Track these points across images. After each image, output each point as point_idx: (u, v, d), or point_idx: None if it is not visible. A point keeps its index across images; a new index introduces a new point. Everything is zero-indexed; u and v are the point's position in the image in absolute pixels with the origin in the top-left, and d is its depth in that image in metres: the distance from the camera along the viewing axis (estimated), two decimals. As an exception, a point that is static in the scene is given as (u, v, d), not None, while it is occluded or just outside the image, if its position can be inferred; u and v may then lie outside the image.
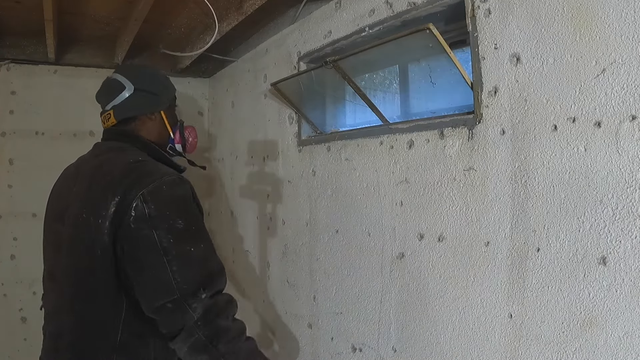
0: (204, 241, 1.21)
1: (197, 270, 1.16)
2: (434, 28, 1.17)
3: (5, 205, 2.50)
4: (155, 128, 1.42)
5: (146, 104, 1.39)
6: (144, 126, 1.40)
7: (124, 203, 1.13)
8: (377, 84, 1.86)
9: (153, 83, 1.42)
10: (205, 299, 1.14)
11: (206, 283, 1.16)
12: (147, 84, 1.40)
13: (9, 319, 2.51)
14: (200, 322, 1.13)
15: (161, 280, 1.11)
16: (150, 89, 1.40)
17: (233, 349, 1.17)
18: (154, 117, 1.42)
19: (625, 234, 0.93)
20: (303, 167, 2.00)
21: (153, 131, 1.42)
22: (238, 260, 2.66)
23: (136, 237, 1.12)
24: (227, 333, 1.17)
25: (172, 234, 1.13)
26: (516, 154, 1.14)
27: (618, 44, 0.93)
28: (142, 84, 1.38)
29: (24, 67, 2.51)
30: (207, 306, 1.14)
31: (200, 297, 1.13)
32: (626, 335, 0.93)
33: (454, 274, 1.31)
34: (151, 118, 1.41)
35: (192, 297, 1.12)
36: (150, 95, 1.40)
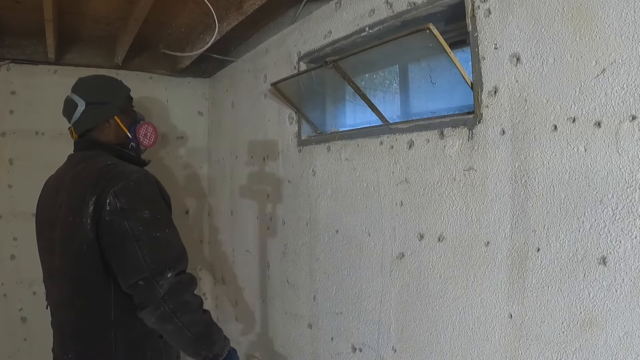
0: (169, 227, 1.41)
1: (164, 252, 1.35)
2: (434, 28, 1.17)
3: (5, 205, 2.50)
4: (112, 132, 1.58)
5: (98, 115, 1.55)
6: (103, 133, 1.57)
7: (100, 201, 1.33)
8: (377, 84, 1.86)
9: (101, 94, 1.57)
10: (171, 277, 1.32)
11: (172, 263, 1.35)
12: (95, 97, 1.55)
13: (9, 319, 2.51)
14: (167, 296, 1.31)
15: (134, 262, 1.31)
16: (99, 100, 1.55)
17: (194, 319, 1.35)
18: (109, 123, 1.57)
19: (625, 234, 0.93)
20: (303, 167, 2.00)
21: (111, 135, 1.58)
22: (238, 260, 2.66)
23: (112, 228, 1.32)
24: (188, 306, 1.35)
25: (141, 223, 1.33)
26: (516, 154, 1.14)
27: (618, 44, 0.93)
28: (91, 98, 1.54)
29: (24, 67, 2.51)
30: (172, 283, 1.32)
31: (167, 275, 1.32)
32: (626, 335, 0.93)
33: (454, 274, 1.31)
34: (107, 125, 1.57)
35: (160, 276, 1.31)
36: (101, 106, 1.55)
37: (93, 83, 1.60)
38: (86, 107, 1.53)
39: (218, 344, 1.40)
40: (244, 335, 2.61)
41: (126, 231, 1.31)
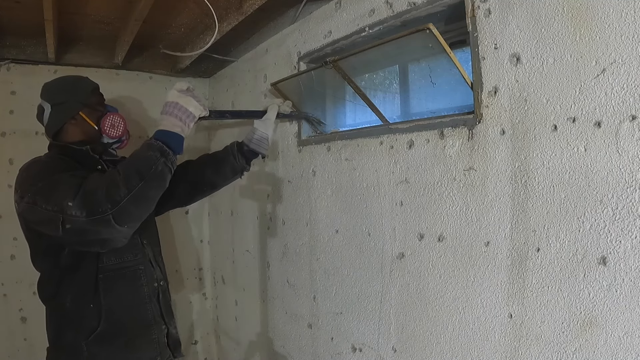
0: (55, 180, 1.31)
1: (56, 192, 1.26)
2: (434, 28, 1.17)
3: (5, 205, 2.49)
4: (78, 129, 1.57)
5: (62, 114, 1.55)
6: (69, 131, 1.56)
7: None
8: (377, 84, 1.86)
9: (61, 94, 1.56)
10: (75, 203, 1.22)
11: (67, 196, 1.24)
12: (57, 98, 1.55)
13: (9, 319, 2.51)
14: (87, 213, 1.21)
15: (47, 218, 1.24)
16: (60, 99, 1.55)
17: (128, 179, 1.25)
18: (75, 120, 1.56)
19: (625, 234, 0.93)
20: (303, 167, 2.00)
21: (78, 132, 1.57)
22: (238, 260, 2.66)
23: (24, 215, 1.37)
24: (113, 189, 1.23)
25: (32, 194, 1.29)
26: (516, 154, 1.14)
27: (618, 44, 0.93)
28: (54, 99, 1.55)
29: (24, 67, 2.50)
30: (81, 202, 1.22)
31: (69, 205, 1.22)
32: (626, 335, 0.93)
33: (454, 274, 1.31)
34: (73, 122, 1.56)
35: (66, 211, 1.22)
36: (63, 105, 1.54)
37: (55, 85, 1.60)
38: (51, 109, 1.53)
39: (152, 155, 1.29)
40: (244, 335, 2.61)
41: (27, 207, 1.30)
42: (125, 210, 1.21)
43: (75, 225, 1.21)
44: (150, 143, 1.31)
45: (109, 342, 1.45)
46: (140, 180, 1.24)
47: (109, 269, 1.46)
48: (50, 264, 1.46)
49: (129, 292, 1.52)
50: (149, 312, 1.56)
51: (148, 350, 1.54)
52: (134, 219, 1.27)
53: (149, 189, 1.26)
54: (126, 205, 1.21)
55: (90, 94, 1.61)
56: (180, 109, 1.37)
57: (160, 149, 1.29)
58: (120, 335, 1.47)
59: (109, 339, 1.45)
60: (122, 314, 1.48)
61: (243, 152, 1.76)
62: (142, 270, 1.55)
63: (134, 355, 1.51)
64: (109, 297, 1.46)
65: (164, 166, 1.29)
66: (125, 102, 2.67)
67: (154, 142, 1.30)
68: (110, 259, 1.47)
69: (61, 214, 1.21)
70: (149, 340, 1.55)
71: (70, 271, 1.44)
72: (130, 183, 1.23)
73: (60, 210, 1.21)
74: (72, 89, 1.58)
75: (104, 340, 1.44)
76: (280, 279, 2.20)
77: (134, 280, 1.53)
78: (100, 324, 1.43)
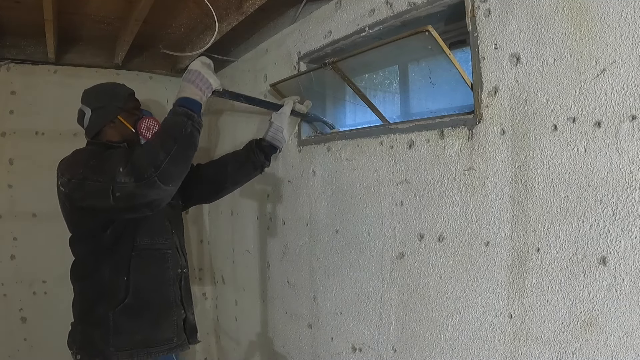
0: (104, 159, 1.47)
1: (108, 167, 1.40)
2: (433, 30, 1.16)
3: (5, 205, 2.50)
4: (117, 132, 1.68)
5: (101, 118, 1.67)
6: (108, 133, 1.68)
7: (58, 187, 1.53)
8: (377, 84, 1.86)
9: (101, 99, 1.68)
10: (124, 172, 1.36)
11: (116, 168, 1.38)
12: (97, 102, 1.67)
13: (9, 319, 2.51)
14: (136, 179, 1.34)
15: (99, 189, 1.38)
16: (100, 104, 1.67)
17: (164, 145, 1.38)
18: (114, 123, 1.68)
19: (625, 234, 0.93)
20: (303, 167, 2.00)
21: (116, 134, 1.68)
22: (238, 260, 2.66)
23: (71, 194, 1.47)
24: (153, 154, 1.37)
25: (83, 173, 1.43)
26: (516, 154, 1.14)
27: (618, 44, 0.93)
28: (94, 104, 1.67)
29: (24, 67, 2.50)
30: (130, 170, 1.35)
31: (120, 172, 1.36)
32: (626, 335, 0.93)
33: (454, 274, 1.31)
34: (112, 125, 1.68)
35: (116, 179, 1.35)
36: (102, 110, 1.67)
37: (95, 90, 1.72)
38: (92, 113, 1.66)
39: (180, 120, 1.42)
40: (244, 335, 2.61)
41: (76, 184, 1.44)
42: (167, 171, 1.36)
43: (124, 191, 1.35)
44: (176, 110, 1.44)
45: (134, 315, 1.57)
46: (174, 143, 1.38)
47: (142, 248, 1.59)
48: (92, 244, 1.58)
49: (155, 272, 1.64)
50: (171, 295, 1.67)
51: (167, 330, 1.64)
52: (176, 177, 1.41)
53: (184, 149, 1.40)
54: (167, 167, 1.35)
55: (127, 99, 1.72)
56: (202, 79, 1.49)
57: (185, 113, 1.43)
58: (144, 311, 1.59)
59: (133, 312, 1.57)
60: (147, 291, 1.60)
61: (262, 147, 1.89)
62: (170, 254, 1.68)
63: (154, 332, 1.61)
64: (138, 274, 1.58)
65: (192, 128, 1.42)
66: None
67: (179, 109, 1.44)
68: (144, 239, 1.61)
69: (111, 183, 1.35)
70: (170, 321, 1.65)
71: (109, 250, 1.56)
72: (166, 147, 1.37)
73: (111, 179, 1.35)
74: (110, 94, 1.70)
75: (129, 313, 1.56)
76: (280, 279, 2.20)
77: (162, 262, 1.65)
78: (128, 297, 1.56)
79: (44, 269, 2.53)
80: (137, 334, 1.57)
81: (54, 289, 2.53)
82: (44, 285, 2.54)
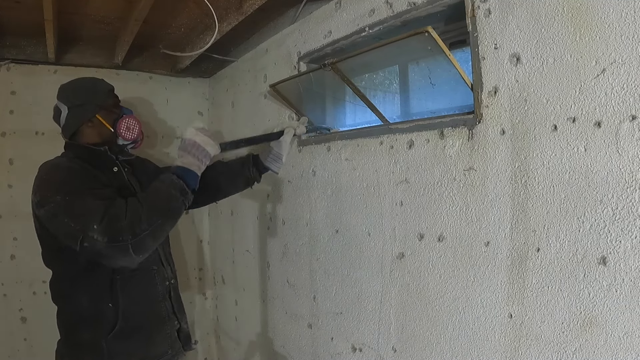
0: (80, 196, 1.36)
1: (82, 215, 1.31)
2: (432, 31, 1.16)
3: (5, 205, 2.50)
4: (95, 131, 1.60)
5: (79, 116, 1.58)
6: (86, 133, 1.59)
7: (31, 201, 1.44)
8: (377, 84, 1.86)
9: (79, 96, 1.59)
10: (100, 228, 1.28)
11: (92, 218, 1.30)
12: (75, 100, 1.58)
13: (9, 319, 2.51)
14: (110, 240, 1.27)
15: (67, 232, 1.31)
16: (78, 102, 1.57)
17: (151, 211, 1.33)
18: (92, 123, 1.59)
19: (625, 234, 0.93)
20: (303, 167, 2.00)
21: (94, 134, 1.60)
22: (238, 260, 2.66)
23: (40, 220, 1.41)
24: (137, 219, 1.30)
25: (55, 205, 1.33)
26: (516, 154, 1.14)
27: (618, 44, 0.93)
28: (71, 101, 1.57)
29: (24, 67, 2.50)
30: (105, 228, 1.28)
31: (94, 228, 1.28)
32: (626, 335, 0.93)
33: (454, 274, 1.31)
34: (90, 125, 1.59)
35: (86, 234, 1.28)
36: (80, 108, 1.58)
37: (72, 86, 1.63)
38: (69, 111, 1.57)
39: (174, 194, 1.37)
40: (244, 335, 2.61)
41: (47, 215, 1.35)
42: (143, 242, 1.29)
43: (93, 247, 1.28)
44: (173, 181, 1.38)
45: (127, 338, 1.50)
46: (160, 217, 1.33)
47: (124, 271, 1.50)
48: (66, 264, 1.49)
49: (144, 291, 1.57)
50: (163, 310, 1.62)
51: (162, 344, 1.60)
52: (148, 249, 1.34)
53: (166, 225, 1.36)
54: (145, 238, 1.29)
55: (106, 97, 1.64)
56: (198, 148, 1.44)
57: (181, 188, 1.38)
58: (137, 332, 1.53)
59: (127, 335, 1.50)
60: (138, 312, 1.53)
61: (257, 165, 1.83)
62: (156, 270, 1.61)
63: (150, 349, 1.57)
64: (126, 297, 1.50)
65: (182, 205, 1.38)
66: (125, 102, 2.66)
67: (176, 180, 1.38)
68: None
69: (82, 233, 1.27)
70: (164, 335, 1.61)
71: (86, 271, 1.47)
72: (151, 219, 1.31)
73: (82, 230, 1.27)
74: (89, 91, 1.61)
75: (123, 337, 1.49)
76: (280, 279, 2.20)
77: (149, 280, 1.58)
78: (119, 322, 1.48)
79: (44, 269, 2.50)
80: (133, 356, 1.52)
81: (54, 289, 2.53)
82: (44, 285, 2.52)
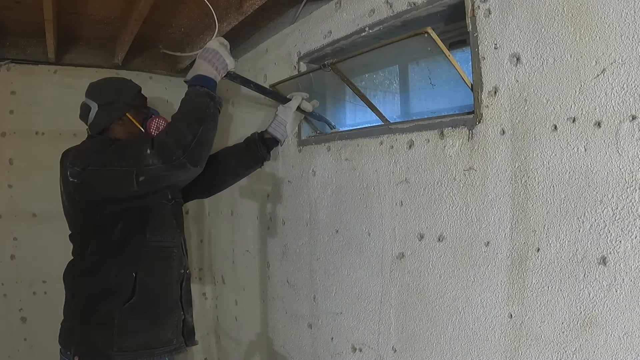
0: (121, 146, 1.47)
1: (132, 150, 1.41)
2: (432, 32, 1.16)
3: (5, 205, 2.50)
4: (125, 129, 1.65)
5: (109, 114, 1.62)
6: (116, 130, 1.64)
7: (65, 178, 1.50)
8: (377, 84, 1.86)
9: (109, 95, 1.63)
10: (152, 151, 1.36)
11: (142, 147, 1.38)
12: (106, 98, 1.62)
13: (9, 319, 2.51)
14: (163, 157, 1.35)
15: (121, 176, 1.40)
16: (109, 100, 1.62)
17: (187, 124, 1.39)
18: (122, 121, 1.64)
19: (625, 234, 0.93)
20: (303, 167, 2.00)
21: (124, 132, 1.65)
22: (238, 260, 2.66)
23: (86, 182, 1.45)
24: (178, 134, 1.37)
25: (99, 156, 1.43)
26: (516, 154, 1.14)
27: (618, 44, 0.93)
28: (102, 100, 1.61)
29: (24, 67, 2.50)
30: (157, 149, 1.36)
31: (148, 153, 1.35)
32: (626, 335, 0.93)
33: (454, 274, 1.31)
34: (120, 123, 1.64)
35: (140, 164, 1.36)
36: (111, 106, 1.62)
37: (102, 85, 1.68)
38: (98, 109, 1.61)
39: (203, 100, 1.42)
40: (244, 335, 2.61)
41: (94, 171, 1.42)
42: (195, 152, 1.37)
43: (151, 174, 1.36)
44: (197, 90, 1.43)
45: (139, 314, 1.55)
46: (200, 124, 1.38)
47: (151, 245, 1.57)
48: (99, 240, 1.55)
49: (162, 270, 1.62)
50: (174, 295, 1.65)
51: (168, 331, 1.62)
52: (203, 158, 1.42)
53: (208, 130, 1.42)
54: (195, 148, 1.36)
55: (136, 96, 1.68)
56: (218, 58, 1.48)
57: (207, 94, 1.42)
58: (149, 310, 1.57)
59: (139, 311, 1.54)
60: (153, 289, 1.58)
61: (263, 140, 1.87)
62: (176, 253, 1.66)
63: (156, 333, 1.59)
64: (145, 271, 1.56)
65: (215, 108, 1.44)
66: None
67: (200, 89, 1.43)
68: (154, 236, 1.59)
69: (136, 166, 1.36)
70: (171, 322, 1.63)
71: (117, 246, 1.53)
72: (193, 128, 1.37)
73: (136, 162, 1.36)
74: (119, 90, 1.66)
75: (135, 312, 1.54)
76: (280, 279, 2.20)
77: (169, 261, 1.63)
78: (135, 295, 1.53)
79: (44, 269, 2.53)
80: (141, 335, 1.55)
81: (54, 289, 2.51)
82: (44, 285, 2.54)
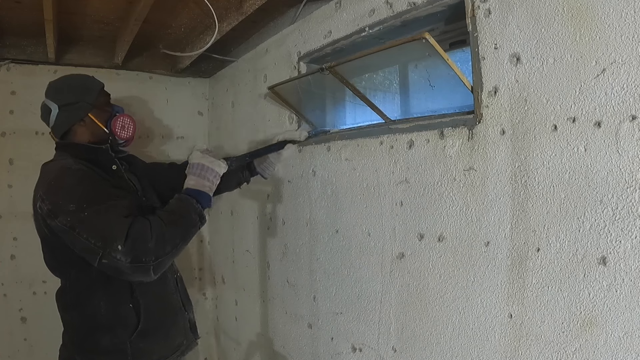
0: (99, 210, 1.32)
1: (105, 229, 1.28)
2: (430, 37, 1.15)
3: (5, 205, 2.50)
4: (88, 131, 1.57)
5: (70, 116, 1.54)
6: (78, 132, 1.56)
7: (35, 204, 1.39)
8: (376, 84, 1.86)
9: (69, 95, 1.54)
10: (123, 248, 1.25)
11: (117, 236, 1.27)
12: (66, 98, 1.53)
13: (9, 319, 2.51)
14: (133, 261, 1.25)
15: (85, 247, 1.28)
16: (69, 101, 1.53)
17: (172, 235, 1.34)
18: (84, 122, 1.56)
19: (625, 234, 0.93)
20: (303, 167, 2.00)
21: (87, 134, 1.57)
22: (238, 260, 2.66)
23: (52, 228, 1.35)
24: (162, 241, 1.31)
25: (70, 216, 1.30)
26: (516, 154, 1.14)
27: (618, 44, 0.93)
28: (62, 100, 1.53)
29: (24, 67, 2.50)
30: (129, 249, 1.25)
31: (118, 248, 1.25)
32: (626, 335, 0.93)
33: (454, 274, 1.31)
34: (82, 124, 1.56)
35: (112, 251, 1.25)
36: (72, 107, 1.54)
37: (62, 84, 1.58)
38: (59, 110, 1.53)
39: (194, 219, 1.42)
40: (244, 335, 2.61)
41: (61, 227, 1.31)
42: (164, 263, 1.32)
43: (113, 265, 1.26)
44: (193, 205, 1.43)
45: (149, 336, 1.51)
46: (181, 241, 1.37)
47: None
48: (80, 272, 1.46)
49: (159, 286, 1.57)
50: (176, 302, 1.65)
51: (177, 337, 1.62)
52: (165, 268, 1.36)
53: (184, 247, 1.40)
54: (166, 260, 1.32)
55: (98, 95, 1.59)
56: (207, 170, 1.51)
57: (200, 213, 1.44)
58: (158, 329, 1.54)
59: (149, 333, 1.51)
60: (157, 308, 1.55)
61: (250, 168, 1.90)
62: None
63: (169, 343, 1.58)
64: (145, 295, 1.51)
65: (198, 229, 1.45)
66: (125, 102, 2.66)
67: (196, 205, 1.43)
68: None
69: (103, 250, 1.25)
70: (178, 327, 1.63)
71: (103, 279, 1.44)
72: (174, 242, 1.34)
73: (104, 247, 1.25)
74: (80, 89, 1.56)
75: (145, 336, 1.50)
76: (280, 279, 2.20)
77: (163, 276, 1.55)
78: (141, 322, 1.49)
79: (44, 269, 2.50)
80: (155, 353, 1.53)
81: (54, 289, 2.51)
82: (44, 285, 2.53)
